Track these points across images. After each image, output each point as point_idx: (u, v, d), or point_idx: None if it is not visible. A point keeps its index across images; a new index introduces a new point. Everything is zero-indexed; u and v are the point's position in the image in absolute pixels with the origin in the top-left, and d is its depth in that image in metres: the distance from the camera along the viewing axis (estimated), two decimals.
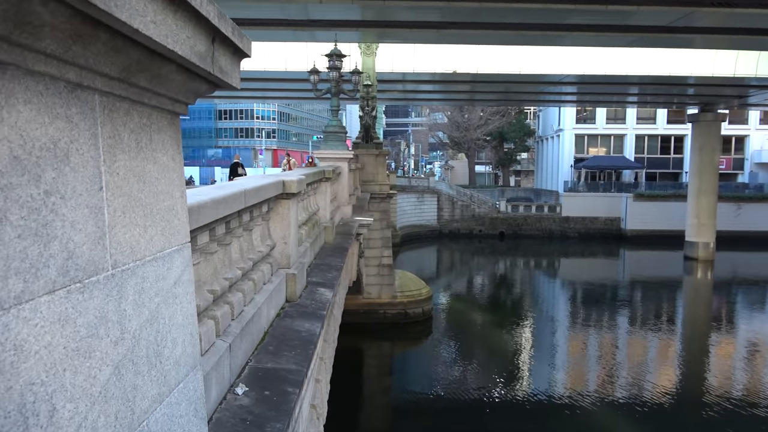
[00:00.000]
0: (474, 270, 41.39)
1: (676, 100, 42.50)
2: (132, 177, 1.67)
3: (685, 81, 31.29)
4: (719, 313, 29.22)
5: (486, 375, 18.43)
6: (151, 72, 1.65)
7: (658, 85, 33.47)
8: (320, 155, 14.90)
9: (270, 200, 6.10)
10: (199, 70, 1.80)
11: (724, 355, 21.58)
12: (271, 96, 47.13)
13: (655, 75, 29.70)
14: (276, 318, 5.83)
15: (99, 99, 1.49)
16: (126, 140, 1.64)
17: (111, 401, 1.50)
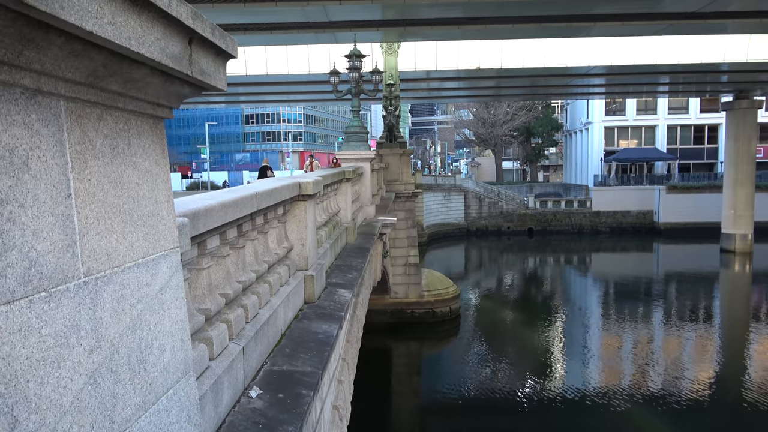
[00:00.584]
0: (502, 268, 40.92)
1: (709, 87, 41.24)
2: (107, 183, 1.65)
3: (717, 68, 30.31)
4: (759, 308, 28.20)
5: (516, 374, 18.18)
6: (121, 76, 1.62)
7: (690, 73, 32.50)
8: (342, 156, 14.91)
9: (285, 202, 6.09)
10: (176, 72, 1.77)
11: (764, 350, 20.81)
12: (296, 99, 47.57)
13: (686, 63, 28.85)
14: (293, 320, 5.82)
15: (64, 105, 1.47)
16: (99, 146, 1.62)
17: (86, 411, 1.48)
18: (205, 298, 3.72)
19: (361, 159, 14.64)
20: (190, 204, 3.53)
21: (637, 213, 51.06)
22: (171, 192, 2.09)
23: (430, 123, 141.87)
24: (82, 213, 1.53)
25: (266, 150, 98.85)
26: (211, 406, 3.24)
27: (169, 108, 2.01)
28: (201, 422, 2.21)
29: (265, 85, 33.32)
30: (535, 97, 55.48)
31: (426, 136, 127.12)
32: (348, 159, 14.62)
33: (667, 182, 51.48)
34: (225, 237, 4.15)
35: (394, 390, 17.78)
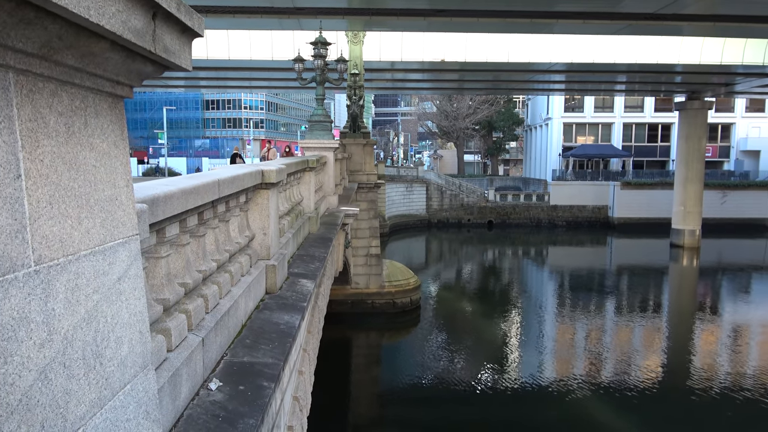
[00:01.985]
0: (462, 259, 41.43)
1: (663, 88, 42.58)
2: (61, 164, 1.53)
3: (672, 69, 31.31)
4: (704, 300, 29.48)
5: (474, 363, 18.47)
6: (79, 49, 1.50)
7: (646, 72, 33.46)
8: (305, 145, 14.73)
9: (248, 190, 5.95)
10: (139, 48, 1.66)
11: (709, 341, 21.77)
12: (258, 86, 46.68)
13: (642, 63, 29.68)
14: (255, 310, 5.71)
15: (14, 77, 1.34)
16: (53, 124, 1.50)
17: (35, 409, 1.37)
18: (163, 288, 3.59)
19: (324, 148, 14.50)
20: (149, 189, 3.38)
21: (592, 208, 52.49)
22: (130, 176, 1.97)
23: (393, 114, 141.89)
24: (33, 196, 1.41)
25: (227, 137, 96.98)
26: (169, 400, 3.13)
27: (129, 87, 1.89)
28: (160, 417, 2.12)
29: (226, 70, 32.56)
30: (497, 92, 56.13)
31: (389, 127, 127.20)
32: (311, 148, 14.45)
33: (621, 178, 53.04)
34: (185, 225, 4.02)
35: (354, 380, 17.82)
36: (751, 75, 32.87)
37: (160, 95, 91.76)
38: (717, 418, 14.84)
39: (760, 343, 21.81)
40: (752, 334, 22.81)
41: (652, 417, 14.76)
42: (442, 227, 52.28)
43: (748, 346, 21.32)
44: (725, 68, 30.55)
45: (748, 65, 29.52)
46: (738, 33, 25.81)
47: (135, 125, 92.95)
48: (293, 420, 6.03)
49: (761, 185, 50.89)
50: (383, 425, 14.33)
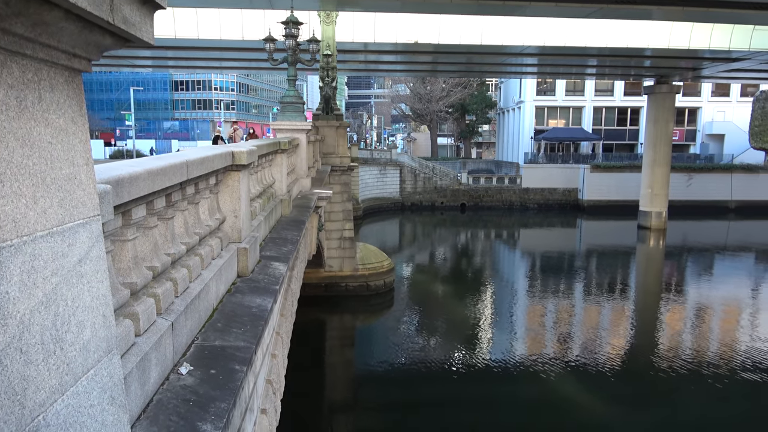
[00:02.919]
0: (435, 242, 41.71)
1: (633, 72, 43.16)
2: (13, 140, 1.45)
3: (641, 53, 31.73)
4: (670, 280, 30.33)
5: (448, 343, 18.70)
6: (29, 18, 1.41)
7: (616, 56, 33.84)
8: (277, 126, 14.51)
9: (218, 172, 5.85)
10: (96, 19, 1.57)
11: (675, 319, 22.46)
12: (229, 66, 45.73)
13: (613, 47, 29.99)
14: (226, 294, 5.65)
15: None
16: (2, 97, 1.41)
17: None
18: (130, 271, 3.50)
19: (296, 130, 14.32)
20: (113, 170, 3.27)
21: (563, 190, 53.29)
22: (90, 154, 1.89)
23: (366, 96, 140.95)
24: None
25: (197, 118, 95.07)
26: (138, 385, 3.07)
27: (87, 60, 1.80)
28: (126, 403, 2.06)
29: (195, 50, 31.78)
30: (470, 75, 56.14)
31: (363, 109, 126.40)
32: (283, 130, 14.25)
33: (591, 161, 53.87)
34: (152, 207, 3.92)
35: (329, 362, 17.87)
36: (718, 60, 33.55)
37: (126, 75, 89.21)
38: (682, 392, 15.36)
39: (721, 320, 22.59)
40: (714, 312, 23.60)
41: (620, 393, 15.20)
42: (415, 210, 52.47)
43: (710, 323, 22.07)
44: (693, 53, 31.11)
45: (715, 50, 30.10)
46: (705, 18, 26.26)
47: (101, 106, 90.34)
48: (266, 403, 6.01)
49: (725, 168, 52.30)
50: (358, 407, 14.44)
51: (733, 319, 22.79)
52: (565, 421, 13.56)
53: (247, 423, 4.49)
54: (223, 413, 3.35)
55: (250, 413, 4.73)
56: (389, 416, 13.85)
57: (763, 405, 14.65)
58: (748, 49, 29.58)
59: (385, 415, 13.89)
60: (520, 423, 13.39)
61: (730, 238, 42.65)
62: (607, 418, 13.73)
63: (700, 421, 13.51)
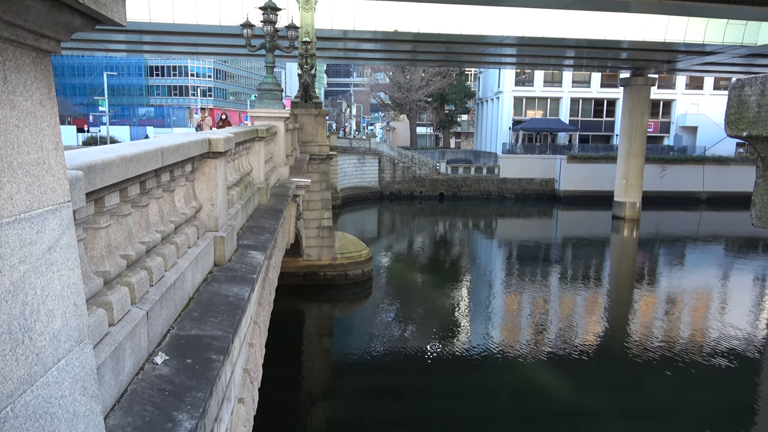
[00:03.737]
0: (414, 231, 41.87)
1: (609, 63, 43.65)
2: None
3: (618, 45, 32.08)
4: (643, 269, 30.96)
5: (425, 332, 18.83)
6: None
7: (594, 48, 34.17)
8: (255, 114, 14.35)
9: (194, 159, 5.76)
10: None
11: (647, 308, 22.95)
12: (205, 52, 44.95)
13: (591, 38, 30.27)
14: (203, 283, 5.59)
15: None
16: None
17: None
18: (104, 260, 3.44)
19: (274, 118, 14.17)
20: (85, 156, 3.20)
21: (540, 181, 53.85)
22: (60, 139, 1.83)
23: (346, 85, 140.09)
24: None
25: (173, 105, 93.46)
26: (112, 375, 3.02)
27: (56, 41, 1.73)
28: (99, 393, 2.02)
29: (171, 35, 31.14)
30: (450, 64, 56.12)
31: (342, 98, 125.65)
32: (261, 117, 14.09)
33: (568, 152, 54.49)
34: (126, 194, 3.85)
35: (306, 351, 17.87)
36: (692, 53, 34.11)
37: (99, 60, 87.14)
38: (655, 378, 15.74)
39: (692, 308, 23.17)
40: (686, 300, 24.18)
41: (595, 380, 15.52)
42: (394, 199, 52.52)
43: (682, 311, 22.61)
44: (668, 45, 31.57)
45: (690, 43, 30.59)
46: (680, 11, 26.63)
47: (73, 91, 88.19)
48: (244, 392, 5.98)
49: (697, 160, 53.41)
50: (336, 395, 14.48)
51: (704, 306, 23.40)
52: (540, 408, 13.80)
53: (224, 412, 4.46)
54: (199, 403, 3.33)
55: (228, 402, 4.70)
56: (367, 405, 13.93)
57: (733, 389, 15.10)
58: (722, 42, 30.13)
59: (363, 404, 13.96)
60: (496, 410, 13.58)
61: (702, 229, 43.68)
62: (582, 404, 14.01)
63: (674, 406, 13.87)
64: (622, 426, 12.85)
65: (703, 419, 13.15)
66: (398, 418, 13.34)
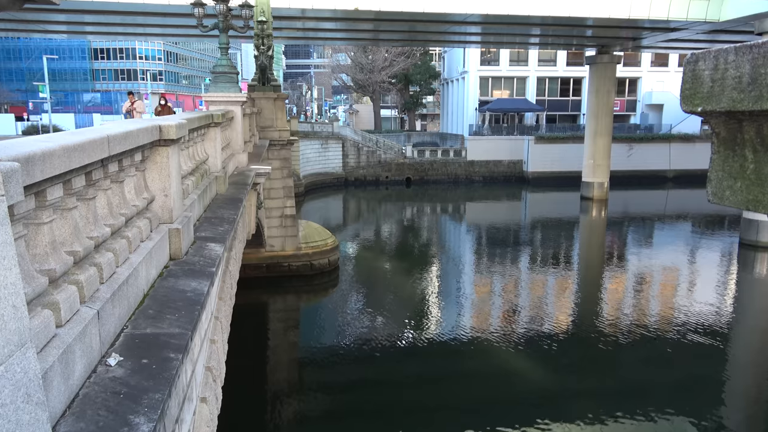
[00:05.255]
0: (381, 218, 41.96)
1: (575, 41, 44.32)
2: None
3: (583, 22, 32.56)
4: (611, 250, 31.82)
5: (394, 321, 18.95)
6: None
7: (559, 26, 34.61)
8: (209, 98, 14.06)
9: (144, 147, 5.61)
10: None
11: (617, 288, 23.63)
12: (154, 33, 43.65)
13: (556, 15, 30.61)
14: (158, 278, 5.48)
15: None
16: None
17: None
18: (48, 258, 3.32)
19: (231, 102, 13.92)
20: (22, 146, 3.07)
21: (508, 162, 54.55)
22: None
23: (306, 66, 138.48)
24: None
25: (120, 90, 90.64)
26: (61, 379, 2.94)
27: None
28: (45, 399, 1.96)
29: (116, 14, 30.09)
30: (413, 44, 56.03)
31: (302, 80, 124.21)
32: (216, 102, 13.83)
33: (535, 133, 55.27)
34: (70, 186, 3.72)
35: (272, 345, 17.79)
36: (657, 29, 34.89)
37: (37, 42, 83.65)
38: (627, 357, 16.26)
39: (661, 286, 23.98)
40: (654, 278, 24.99)
41: (567, 362, 15.93)
42: (359, 185, 52.46)
43: (651, 290, 23.37)
44: (633, 22, 32.20)
45: (654, 20, 31.26)
46: None
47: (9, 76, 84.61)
48: (206, 391, 5.92)
49: (663, 138, 54.90)
50: (303, 390, 14.48)
51: (672, 284, 24.24)
52: (513, 392, 14.10)
53: (185, 413, 4.40)
54: (157, 404, 3.27)
55: (189, 402, 4.64)
56: (336, 398, 13.98)
57: (704, 365, 15.73)
58: (686, 19, 30.90)
59: (331, 398, 14.00)
60: (468, 397, 13.81)
61: (669, 207, 45.12)
62: (554, 386, 14.37)
63: (645, 384, 14.36)
64: (595, 406, 13.25)
65: (674, 397, 13.67)
66: (369, 411, 13.44)
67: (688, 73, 2.59)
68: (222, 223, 7.99)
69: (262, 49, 22.32)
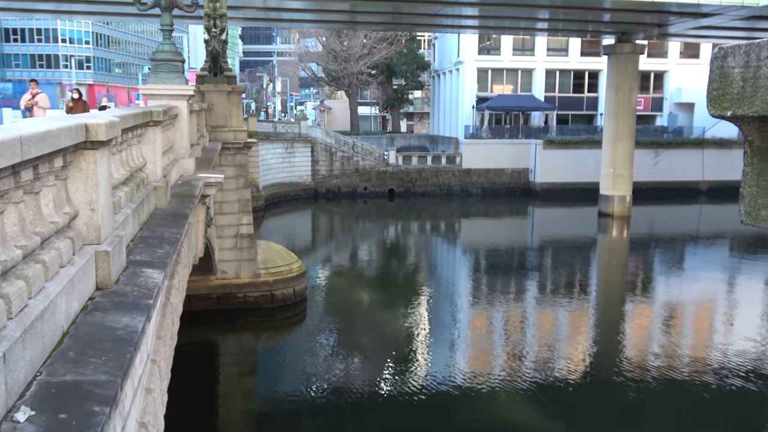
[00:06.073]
0: (358, 238, 41.96)
1: (590, 27, 45.06)
2: None
3: (600, 4, 33.24)
4: (635, 278, 32.16)
5: (375, 365, 18.87)
6: None
7: (571, 8, 35.22)
8: (148, 91, 14.02)
9: (67, 151, 5.56)
10: None
11: (641, 324, 23.84)
12: (81, 11, 43.50)
13: None
14: (81, 312, 5.43)
15: None
16: None
17: None
18: None
19: (175, 96, 13.91)
20: None
21: (511, 171, 55.08)
22: None
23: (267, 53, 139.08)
24: None
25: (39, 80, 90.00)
26: None
27: None
28: None
29: None
30: (397, 27, 56.59)
31: (262, 70, 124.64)
32: (157, 96, 13.80)
33: (544, 136, 55.85)
34: None
35: (223, 394, 17.63)
36: (686, 14, 35.67)
37: None
38: (653, 409, 16.33)
39: (695, 321, 24.25)
40: (687, 312, 25.28)
41: (582, 414, 15.96)
42: (332, 198, 52.49)
43: (682, 327, 23.62)
44: (658, 6, 32.93)
45: (683, 3, 32.01)
46: None
47: None
48: None
49: (695, 143, 55.76)
50: None
51: (708, 319, 24.54)
52: None
53: None
54: None
55: None
56: None
57: (747, 416, 15.87)
58: (720, 2, 31.66)
59: None
60: None
61: (702, 226, 45.86)
62: None
63: None
64: None
65: None
66: None
67: (716, 71, 2.63)
68: (162, 244, 7.96)
69: (213, 32, 22.39)
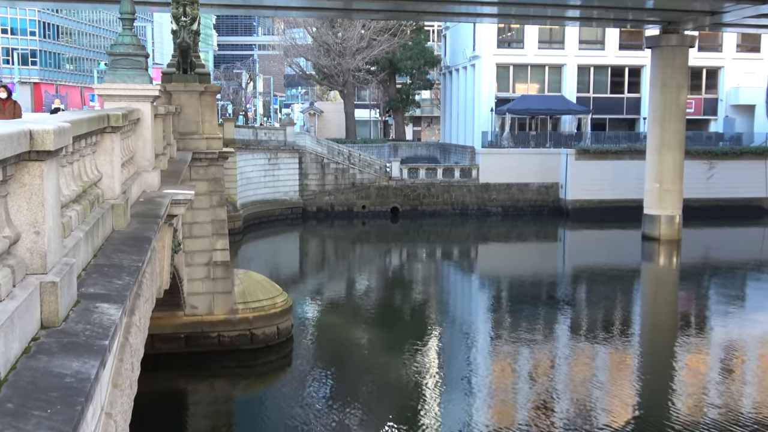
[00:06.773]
0: (355, 266, 41.92)
1: (630, 15, 45.27)
2: None
3: None
4: (687, 313, 32.05)
5: (374, 421, 18.80)
6: None
7: None
8: (106, 92, 14.08)
9: (7, 163, 5.59)
10: None
11: (695, 368, 23.70)
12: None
13: None
14: (23, 355, 5.42)
15: None
16: None
17: None
18: None
19: (136, 97, 13.97)
20: None
21: (538, 187, 55.10)
22: None
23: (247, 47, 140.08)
24: None
25: None
26: None
27: None
28: None
29: None
30: (401, 16, 56.93)
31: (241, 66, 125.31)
32: (116, 97, 13.86)
33: (576, 144, 55.87)
34: None
35: None
36: (743, 1, 35.85)
37: None
38: None
39: (758, 370, 24.09)
40: (749, 357, 25.14)
41: None
42: (324, 218, 52.54)
43: (743, 375, 23.46)
44: None
45: None
46: None
47: None
48: None
49: (757, 152, 55.70)
50: None
51: None
52: None
53: None
54: None
55: None
56: None
57: None
58: None
59: None
60: None
61: (767, 251, 45.67)
62: None
63: None
64: None
65: None
66: None
67: None
68: (120, 273, 7.96)
69: (183, 21, 22.51)
